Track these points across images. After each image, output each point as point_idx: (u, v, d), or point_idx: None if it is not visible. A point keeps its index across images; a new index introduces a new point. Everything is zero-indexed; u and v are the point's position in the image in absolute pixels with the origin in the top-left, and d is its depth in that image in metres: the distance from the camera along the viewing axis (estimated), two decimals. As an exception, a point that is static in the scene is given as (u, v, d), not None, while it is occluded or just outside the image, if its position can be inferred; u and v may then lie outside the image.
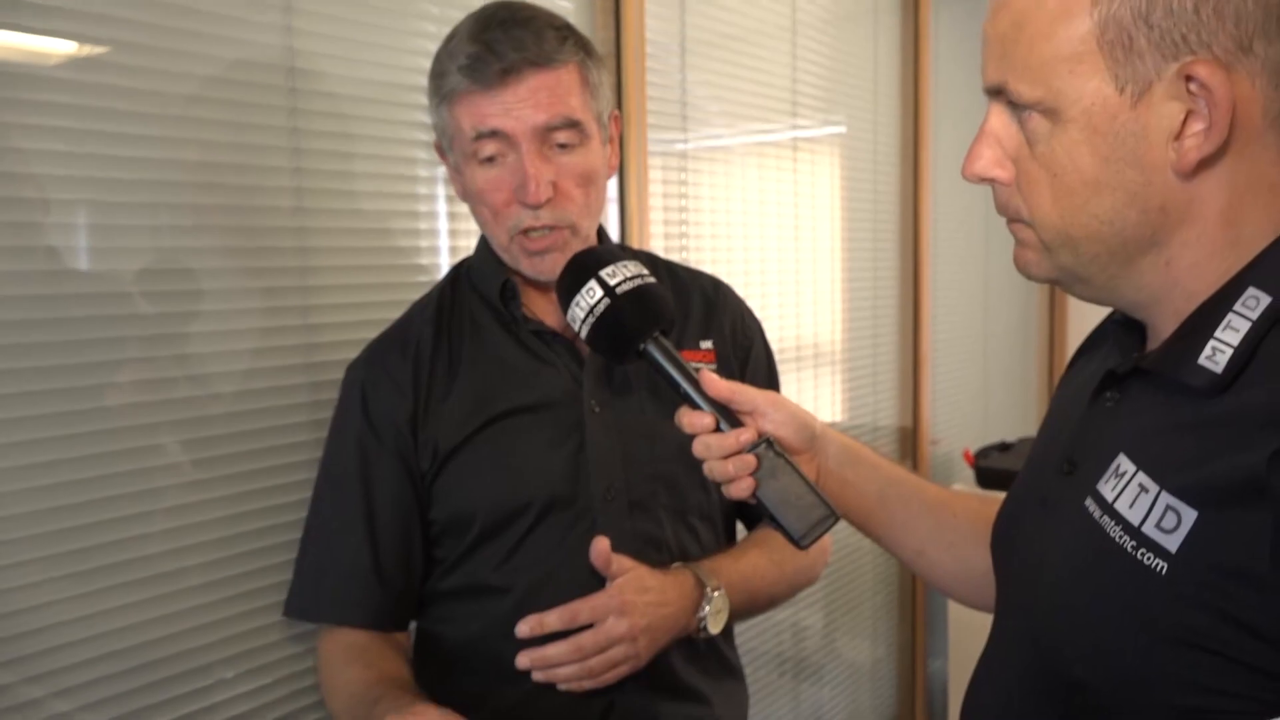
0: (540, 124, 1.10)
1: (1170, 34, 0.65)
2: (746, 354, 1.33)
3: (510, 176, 1.12)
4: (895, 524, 1.06)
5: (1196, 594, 0.63)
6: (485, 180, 1.14)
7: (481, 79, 1.09)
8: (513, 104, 1.10)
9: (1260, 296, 0.66)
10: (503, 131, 1.11)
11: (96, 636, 1.19)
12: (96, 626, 1.19)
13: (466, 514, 1.17)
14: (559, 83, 1.11)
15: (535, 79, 1.10)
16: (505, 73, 1.09)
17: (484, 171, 1.14)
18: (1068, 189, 0.71)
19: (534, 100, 1.10)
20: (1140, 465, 0.69)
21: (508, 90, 1.10)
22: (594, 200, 1.18)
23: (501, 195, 1.14)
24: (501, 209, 1.14)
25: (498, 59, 1.09)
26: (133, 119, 1.21)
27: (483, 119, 1.11)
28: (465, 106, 1.12)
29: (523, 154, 1.11)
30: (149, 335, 1.24)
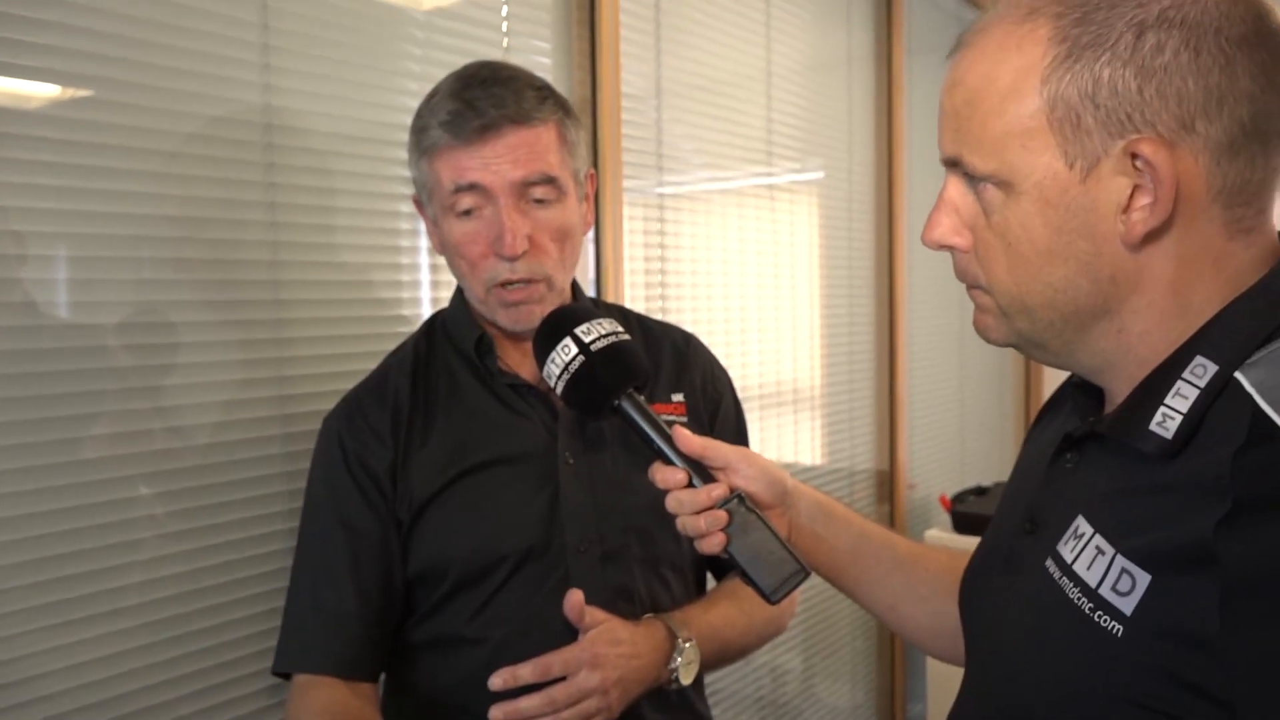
0: (518, 179, 1.13)
1: (1116, 113, 0.67)
2: (716, 407, 1.34)
3: (487, 230, 1.14)
4: (867, 579, 1.07)
5: (1149, 657, 0.64)
6: (462, 233, 1.15)
7: (461, 134, 1.12)
8: (491, 159, 1.12)
9: (1208, 365, 0.68)
10: (481, 185, 1.13)
11: (75, 689, 1.19)
12: (75, 678, 1.19)
13: (441, 565, 1.17)
14: (538, 140, 1.14)
15: (514, 136, 1.12)
16: (485, 129, 1.11)
17: (461, 224, 1.15)
18: (1022, 258, 0.73)
19: (512, 156, 1.12)
20: (1097, 527, 0.70)
21: (486, 146, 1.12)
22: (569, 255, 1.19)
23: (478, 248, 1.15)
24: (478, 261, 1.16)
25: (478, 115, 1.11)
26: (109, 174, 1.22)
27: (461, 173, 1.13)
28: (445, 160, 1.14)
29: (500, 208, 1.13)
30: (126, 388, 1.25)
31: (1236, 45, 0.66)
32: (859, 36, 2.80)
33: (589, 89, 1.87)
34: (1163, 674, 0.63)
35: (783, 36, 2.45)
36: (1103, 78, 0.67)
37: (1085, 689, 0.68)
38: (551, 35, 1.82)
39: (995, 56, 0.71)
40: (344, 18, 1.47)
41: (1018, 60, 0.70)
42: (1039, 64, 0.69)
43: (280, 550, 1.39)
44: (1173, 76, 0.66)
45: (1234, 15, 0.66)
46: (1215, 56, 0.66)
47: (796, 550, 0.98)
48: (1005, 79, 0.70)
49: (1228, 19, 0.66)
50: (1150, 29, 0.66)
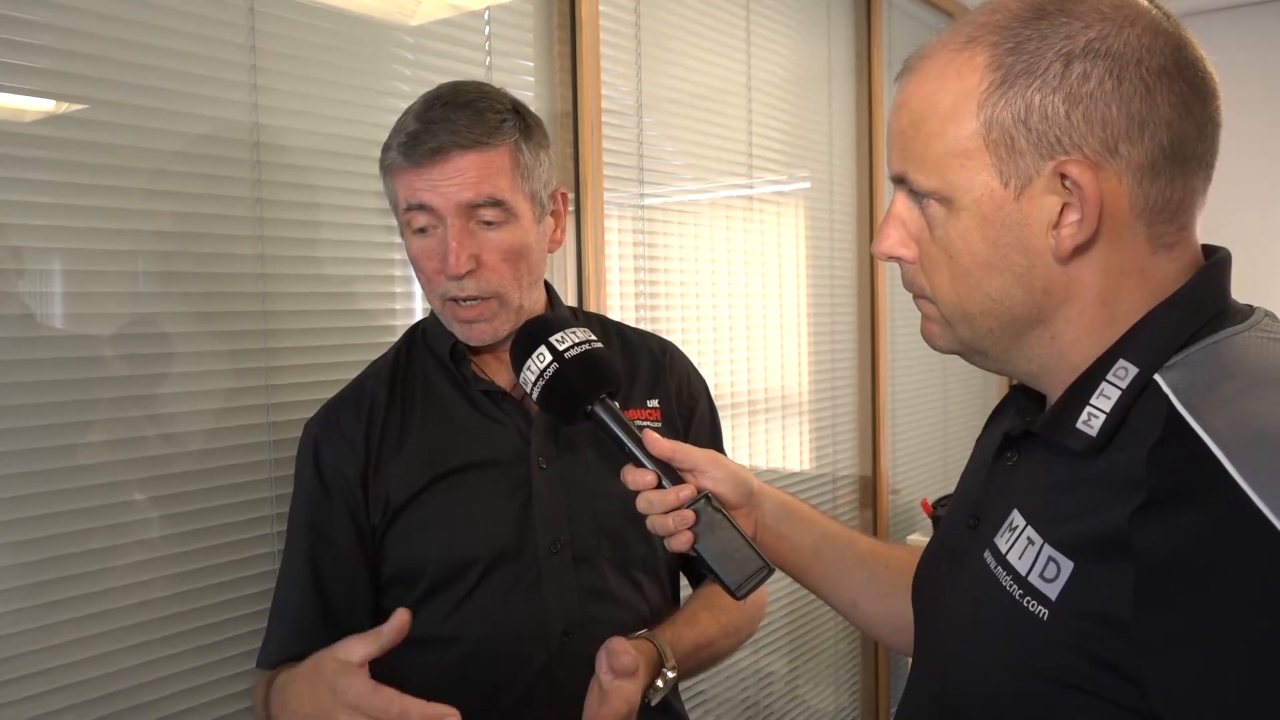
0: (464, 201, 1.16)
1: (1046, 136, 0.72)
2: (691, 413, 1.38)
3: (439, 247, 1.18)
4: (830, 577, 1.12)
5: (1072, 638, 0.69)
6: (418, 249, 1.21)
7: (412, 157, 1.16)
8: (439, 181, 1.16)
9: (1129, 368, 0.73)
10: (428, 206, 1.17)
11: (67, 687, 1.24)
12: (68, 676, 1.24)
13: (416, 567, 1.21)
14: (487, 164, 1.17)
15: (462, 159, 1.16)
16: (434, 152, 1.16)
17: (417, 241, 1.20)
18: (963, 270, 0.78)
19: (460, 179, 1.16)
20: (1029, 520, 0.75)
21: (435, 169, 1.16)
22: (524, 274, 1.22)
23: (432, 264, 1.20)
24: (432, 277, 1.21)
25: (430, 139, 1.16)
26: (103, 191, 1.27)
27: (412, 193, 1.17)
28: (400, 180, 1.19)
29: (446, 228, 1.17)
30: (120, 397, 1.29)
31: (1156, 75, 0.71)
32: (839, 50, 2.85)
33: (570, 103, 1.92)
34: (1084, 654, 0.68)
35: (763, 50, 2.50)
36: (1034, 103, 0.72)
37: (1014, 670, 0.73)
38: (533, 52, 1.87)
39: (936, 82, 0.77)
40: (328, 37, 1.52)
41: (957, 85, 0.75)
42: (976, 90, 0.74)
43: (267, 554, 1.43)
44: (1097, 103, 0.71)
45: (1154, 47, 0.71)
46: (1136, 85, 0.71)
47: (761, 548, 1.03)
48: (945, 103, 0.76)
49: (1148, 51, 0.71)
50: (1077, 59, 0.71)
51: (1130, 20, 0.72)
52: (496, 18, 1.78)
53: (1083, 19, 0.72)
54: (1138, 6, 0.73)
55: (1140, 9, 0.73)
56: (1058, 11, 0.73)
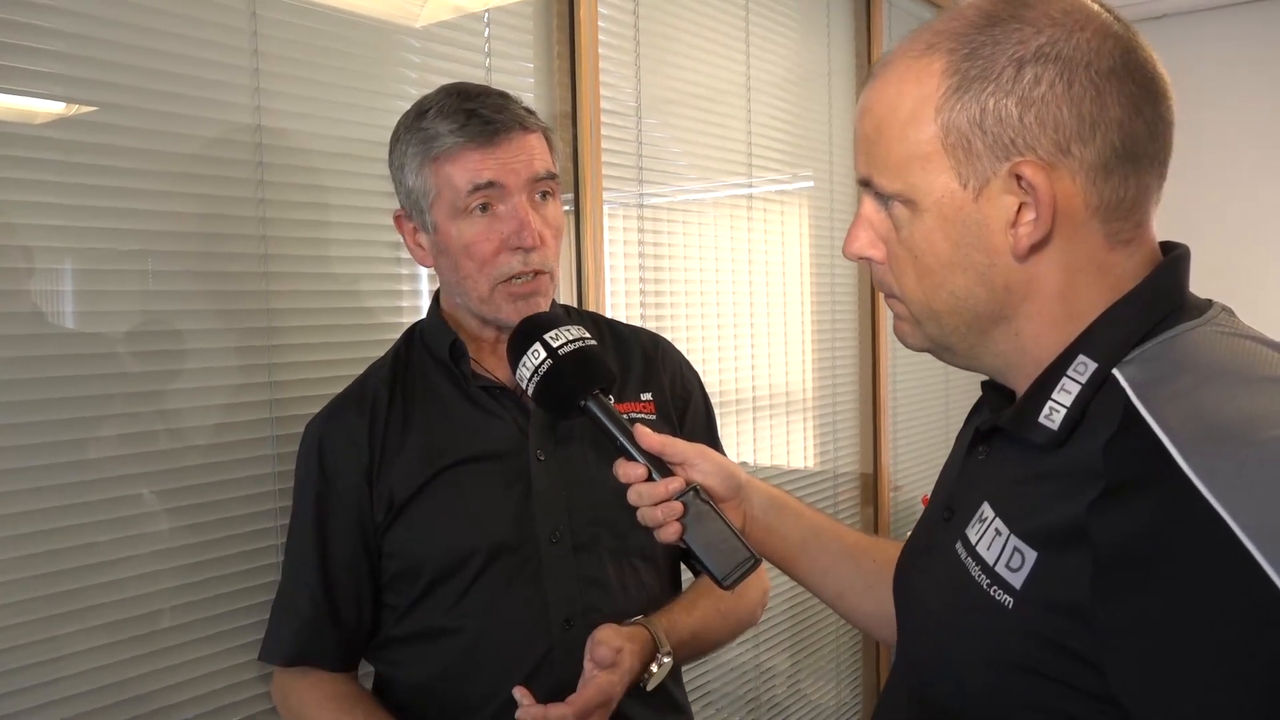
0: (531, 176, 1.23)
1: (1001, 138, 0.75)
2: (685, 405, 1.41)
3: (503, 225, 1.22)
4: (817, 569, 1.14)
5: (1036, 626, 0.71)
6: (475, 232, 1.23)
7: (476, 137, 1.21)
8: (506, 159, 1.21)
9: (1088, 363, 0.75)
10: (498, 183, 1.21)
11: (77, 675, 1.27)
12: (78, 664, 1.27)
13: (418, 560, 1.24)
14: (537, 143, 1.25)
15: (521, 139, 1.23)
16: (496, 132, 1.21)
17: (474, 224, 1.22)
18: (928, 269, 0.80)
19: (525, 155, 1.22)
20: (998, 512, 0.78)
21: (499, 147, 1.21)
22: (559, 251, 1.29)
23: (491, 245, 1.22)
24: (489, 258, 1.23)
25: (488, 121, 1.21)
26: (111, 193, 1.30)
27: (478, 173, 1.21)
28: (460, 163, 1.21)
29: (518, 203, 1.22)
30: (129, 393, 1.33)
31: (1105, 77, 0.73)
32: (839, 49, 2.86)
33: (570, 104, 1.95)
34: (1046, 642, 0.70)
35: (762, 50, 2.52)
36: (988, 107, 0.75)
37: (983, 658, 0.75)
38: (533, 53, 1.90)
39: (897, 88, 0.79)
40: (330, 40, 1.55)
41: (916, 91, 0.78)
42: (934, 95, 0.77)
43: (270, 547, 1.46)
44: (1049, 106, 0.73)
45: (1103, 50, 0.74)
46: (1086, 88, 0.73)
47: (750, 540, 1.06)
48: (906, 108, 0.78)
49: (1097, 54, 0.74)
50: (1029, 64, 0.74)
51: (1080, 24, 0.74)
52: (496, 19, 1.81)
53: (1034, 25, 0.74)
54: (1088, 11, 0.75)
55: (1091, 13, 0.75)
56: (1010, 18, 0.75)
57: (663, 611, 1.28)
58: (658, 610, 1.29)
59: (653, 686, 1.22)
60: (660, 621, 1.25)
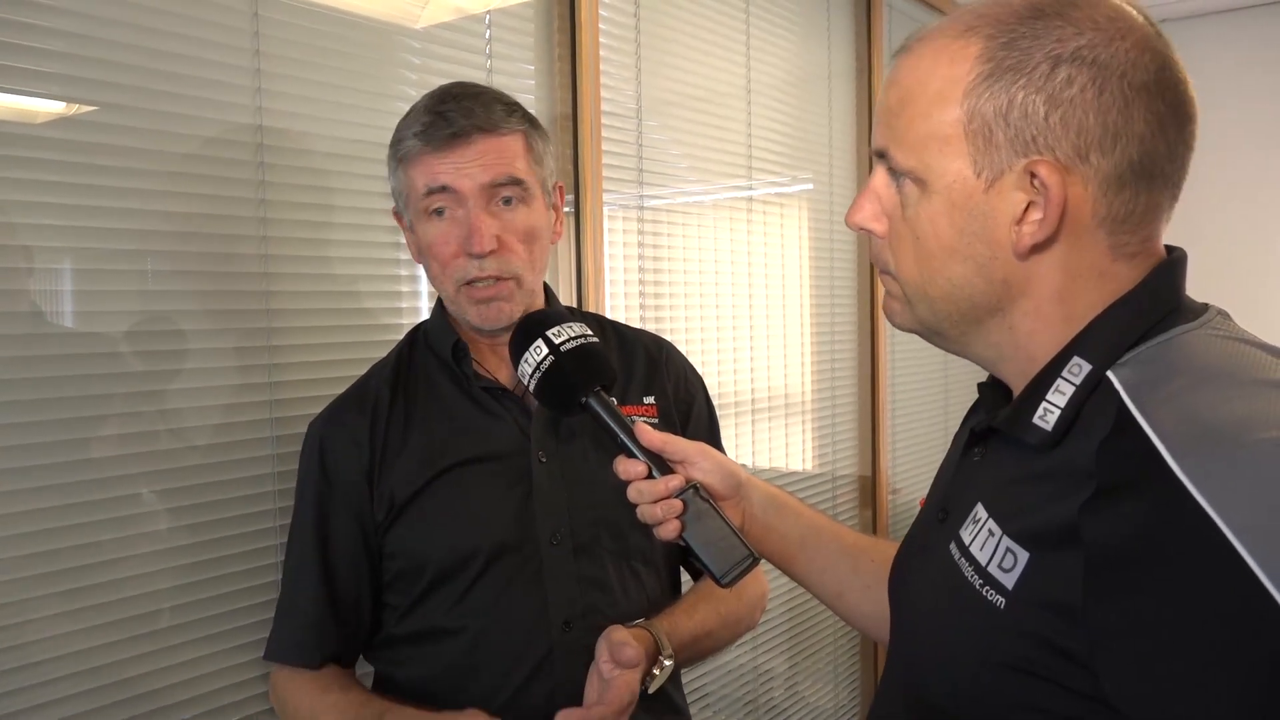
0: (486, 181, 1.21)
1: (1023, 133, 0.74)
2: (689, 409, 1.41)
3: (458, 230, 1.22)
4: (815, 568, 1.14)
5: (1028, 626, 0.71)
6: (435, 234, 1.24)
7: (433, 141, 1.21)
8: (461, 164, 1.21)
9: (1083, 365, 0.75)
10: (451, 188, 1.21)
11: (79, 674, 1.28)
12: (79, 664, 1.28)
13: (420, 560, 1.24)
14: (505, 147, 1.23)
15: (482, 143, 1.21)
16: (454, 136, 1.20)
17: (434, 226, 1.24)
18: (928, 252, 0.80)
19: (481, 161, 1.21)
20: (991, 512, 0.78)
21: (455, 151, 1.21)
22: (537, 257, 1.27)
23: (450, 248, 1.23)
24: (449, 261, 1.24)
25: (449, 124, 1.21)
26: (111, 192, 1.30)
27: (433, 176, 1.21)
28: (419, 166, 1.22)
29: (470, 208, 1.21)
30: (130, 392, 1.33)
31: (1137, 90, 0.73)
32: (839, 52, 2.87)
33: (570, 105, 1.95)
34: (1039, 641, 0.70)
35: (763, 52, 2.52)
36: (1016, 100, 0.74)
37: (975, 658, 0.75)
38: (534, 55, 1.90)
39: (930, 64, 0.79)
40: (331, 41, 1.55)
41: (948, 71, 0.77)
42: (965, 78, 0.76)
43: (271, 547, 1.46)
44: (1076, 109, 0.73)
45: (1140, 63, 0.73)
46: (1116, 97, 0.73)
47: (749, 539, 1.06)
48: (934, 86, 0.78)
49: (1134, 65, 0.73)
50: (1064, 63, 0.73)
51: (1122, 33, 0.74)
52: (497, 21, 1.81)
53: (1077, 25, 0.74)
54: (1132, 21, 0.75)
55: (1134, 24, 0.75)
56: (1055, 15, 0.74)
57: (664, 614, 1.28)
58: (658, 613, 1.29)
59: (654, 689, 1.22)
60: (661, 624, 1.25)
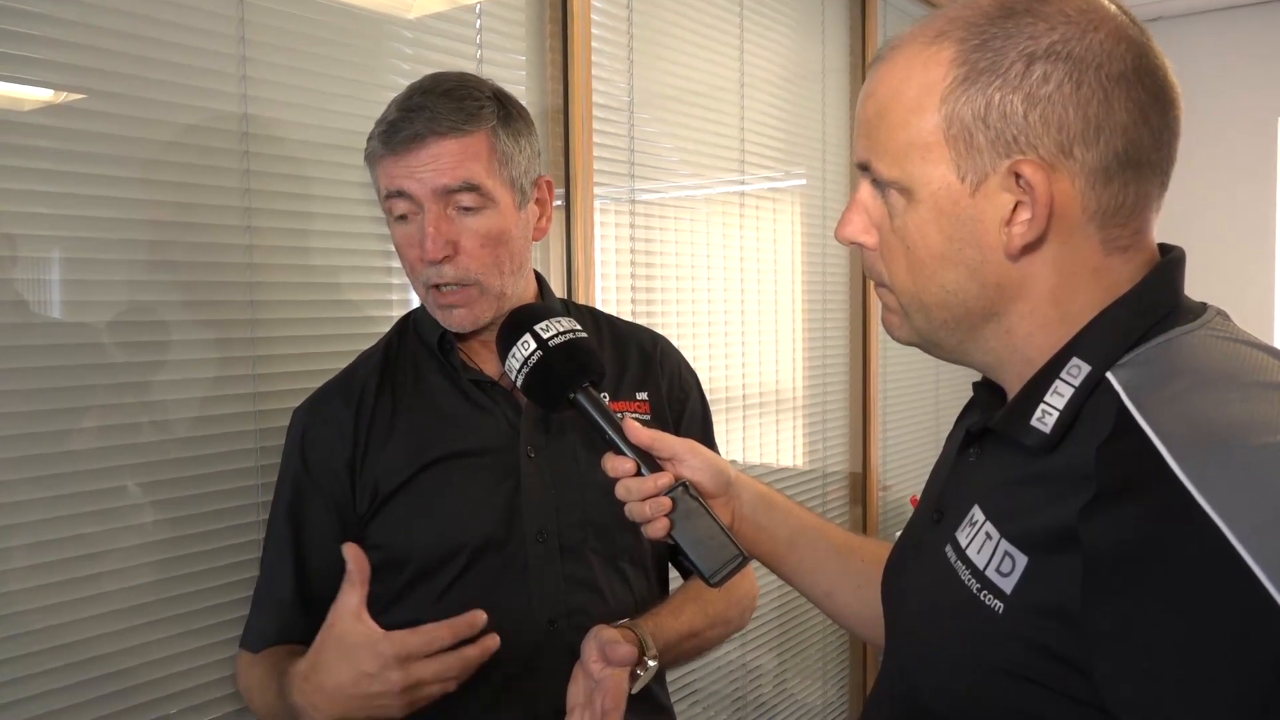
0: (439, 187, 1.18)
1: (1003, 134, 0.73)
2: (682, 407, 1.39)
3: (418, 234, 1.20)
4: (805, 567, 1.13)
5: (1026, 631, 0.70)
6: (400, 237, 1.23)
7: (390, 144, 1.18)
8: (416, 167, 1.18)
9: (1082, 366, 0.74)
10: (407, 193, 1.19)
11: (61, 668, 1.26)
12: (58, 659, 1.26)
13: (402, 554, 1.23)
14: (463, 150, 1.19)
15: (439, 145, 1.18)
16: (411, 139, 1.17)
17: (399, 229, 1.22)
18: (919, 261, 0.79)
19: (435, 165, 1.18)
20: (988, 515, 0.77)
21: (412, 155, 1.18)
22: (504, 259, 1.23)
23: (413, 251, 1.21)
24: (414, 264, 1.22)
25: (408, 126, 1.18)
26: (96, 181, 1.29)
27: (391, 180, 1.19)
28: (381, 169, 1.21)
29: (423, 213, 1.19)
30: (114, 384, 1.31)
31: (1115, 81, 0.72)
32: (833, 47, 2.86)
33: (561, 98, 1.93)
34: (1036, 647, 0.69)
35: (756, 47, 2.51)
36: (994, 101, 0.73)
37: (971, 662, 0.74)
38: (525, 46, 1.88)
39: (904, 73, 0.78)
40: (318, 29, 1.53)
41: (922, 78, 0.76)
42: (940, 84, 0.75)
43: (253, 541, 1.44)
44: (1055, 105, 0.72)
45: (1115, 53, 0.72)
46: (1095, 90, 0.72)
47: (738, 538, 1.04)
48: (910, 94, 0.77)
49: (1109, 56, 0.72)
50: (1039, 60, 0.72)
51: (1095, 25, 0.73)
52: (489, 11, 1.80)
53: (1048, 20, 0.73)
54: (1105, 11, 0.74)
55: (1107, 14, 0.74)
56: (1025, 12, 0.74)
57: (649, 614, 1.27)
58: (644, 613, 1.27)
59: (636, 690, 1.21)
60: (647, 625, 1.23)
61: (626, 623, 1.22)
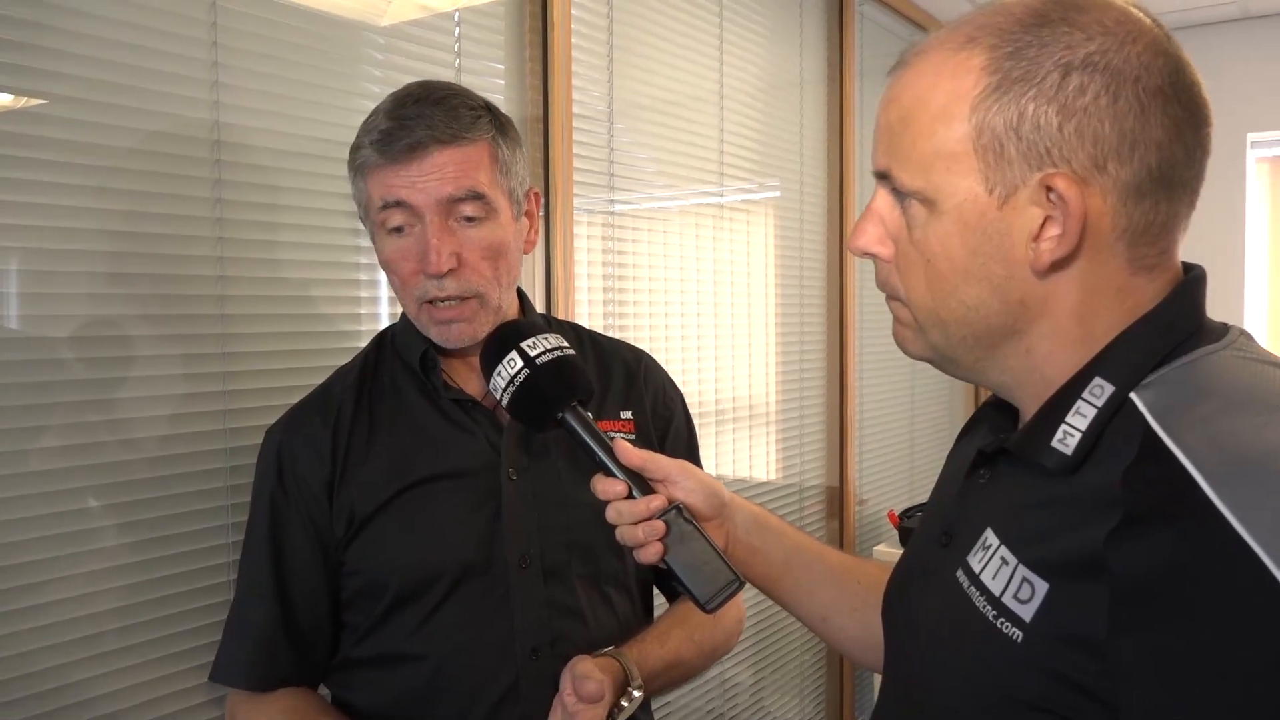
0: (444, 196, 1.14)
1: (1036, 146, 0.71)
2: (667, 425, 1.36)
3: (416, 247, 1.15)
4: (800, 590, 1.10)
5: (1046, 661, 0.68)
6: (393, 250, 1.17)
7: (388, 153, 1.13)
8: (417, 178, 1.13)
9: (1105, 386, 0.72)
10: (407, 203, 1.14)
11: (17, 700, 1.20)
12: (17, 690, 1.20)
13: (381, 580, 1.18)
14: (466, 159, 1.15)
15: (441, 154, 1.13)
16: (412, 148, 1.13)
17: (392, 242, 1.17)
18: (939, 274, 0.76)
19: (439, 174, 1.13)
20: (1003, 539, 0.74)
21: (413, 164, 1.13)
22: (503, 273, 1.20)
23: (409, 265, 1.16)
24: (409, 279, 1.17)
25: (407, 134, 1.13)
26: (60, 189, 1.23)
27: (389, 190, 1.14)
28: (375, 179, 1.15)
29: (426, 225, 1.14)
30: (79, 401, 1.26)
31: (1152, 95, 0.70)
32: (811, 59, 2.85)
33: (541, 107, 1.90)
34: (1057, 677, 0.67)
35: (735, 58, 2.49)
36: (1027, 112, 0.70)
37: (987, 692, 0.72)
38: (504, 55, 1.85)
39: (931, 79, 0.75)
40: (294, 35, 1.49)
41: (951, 85, 0.73)
42: (970, 92, 0.72)
43: (223, 564, 1.40)
44: (1091, 118, 0.69)
45: (1153, 67, 0.70)
46: (1132, 103, 0.69)
47: (733, 561, 1.01)
48: (938, 102, 0.74)
49: (1147, 70, 0.70)
50: (1075, 71, 0.70)
51: (1133, 37, 0.70)
52: (467, 19, 1.76)
53: (1085, 30, 0.70)
54: (1141, 24, 0.72)
55: (1143, 27, 0.72)
56: (1060, 20, 0.71)
57: (634, 642, 1.23)
58: (629, 640, 1.23)
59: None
60: (631, 653, 1.20)
61: (610, 651, 1.18)
